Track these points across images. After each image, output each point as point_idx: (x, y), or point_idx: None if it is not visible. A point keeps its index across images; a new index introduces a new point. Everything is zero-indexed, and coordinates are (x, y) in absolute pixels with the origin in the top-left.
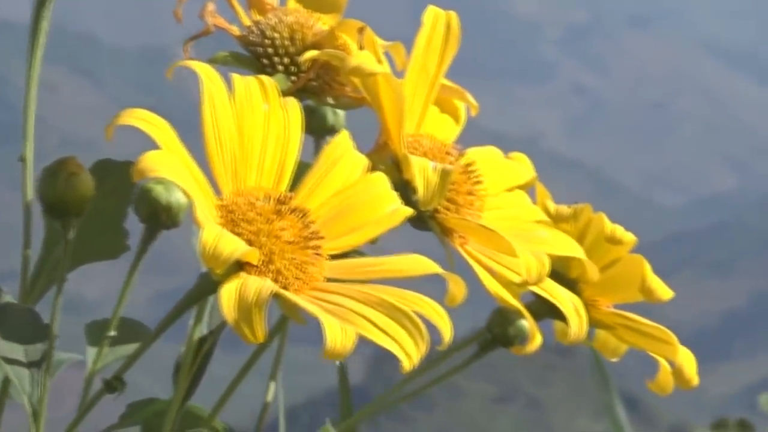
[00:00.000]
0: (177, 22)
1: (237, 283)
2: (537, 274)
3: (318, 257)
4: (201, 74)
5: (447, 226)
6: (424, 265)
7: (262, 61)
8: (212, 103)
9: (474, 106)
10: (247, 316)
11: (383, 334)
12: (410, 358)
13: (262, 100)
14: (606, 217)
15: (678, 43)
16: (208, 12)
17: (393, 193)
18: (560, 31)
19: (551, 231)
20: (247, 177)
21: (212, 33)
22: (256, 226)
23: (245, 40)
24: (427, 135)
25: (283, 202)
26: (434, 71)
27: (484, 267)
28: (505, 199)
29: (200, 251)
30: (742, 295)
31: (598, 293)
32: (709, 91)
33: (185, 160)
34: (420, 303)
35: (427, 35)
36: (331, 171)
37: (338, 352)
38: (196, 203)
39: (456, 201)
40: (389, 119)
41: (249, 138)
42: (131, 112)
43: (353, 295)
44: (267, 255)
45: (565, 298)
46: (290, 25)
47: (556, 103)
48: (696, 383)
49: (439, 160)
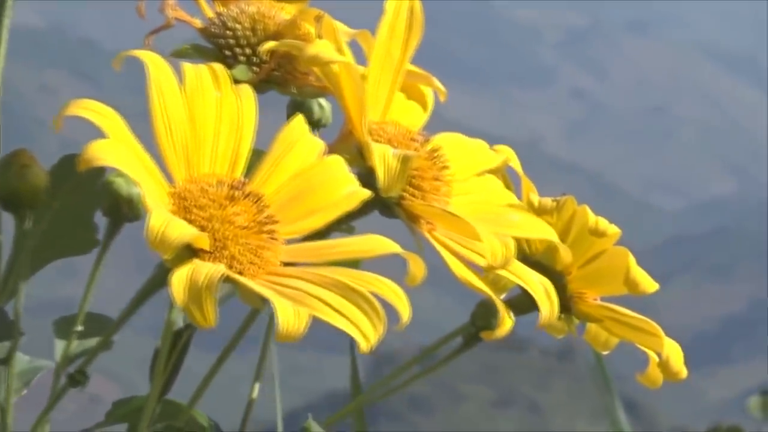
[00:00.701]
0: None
1: (188, 268)
2: (502, 257)
3: (273, 241)
4: (147, 63)
5: (413, 212)
6: (383, 245)
7: (224, 53)
8: (160, 91)
9: (442, 92)
10: (197, 299)
11: (339, 315)
12: (367, 339)
13: (213, 88)
14: (589, 209)
15: (677, 47)
16: (168, 5)
17: (350, 176)
18: (560, 36)
19: (522, 214)
20: (201, 164)
21: (173, 26)
22: (208, 212)
23: (207, 32)
24: (392, 122)
25: (236, 188)
26: (399, 57)
27: (453, 252)
28: (475, 184)
29: (148, 237)
30: (741, 299)
31: (584, 286)
32: (709, 95)
33: (135, 149)
34: (377, 283)
35: (390, 21)
36: (287, 155)
37: (291, 334)
38: (144, 190)
39: (422, 187)
40: (351, 107)
41: (201, 126)
42: (79, 103)
43: (309, 278)
44: (220, 240)
45: (535, 281)
46: (252, 15)
47: (556, 107)
48: (684, 375)
49: (403, 147)
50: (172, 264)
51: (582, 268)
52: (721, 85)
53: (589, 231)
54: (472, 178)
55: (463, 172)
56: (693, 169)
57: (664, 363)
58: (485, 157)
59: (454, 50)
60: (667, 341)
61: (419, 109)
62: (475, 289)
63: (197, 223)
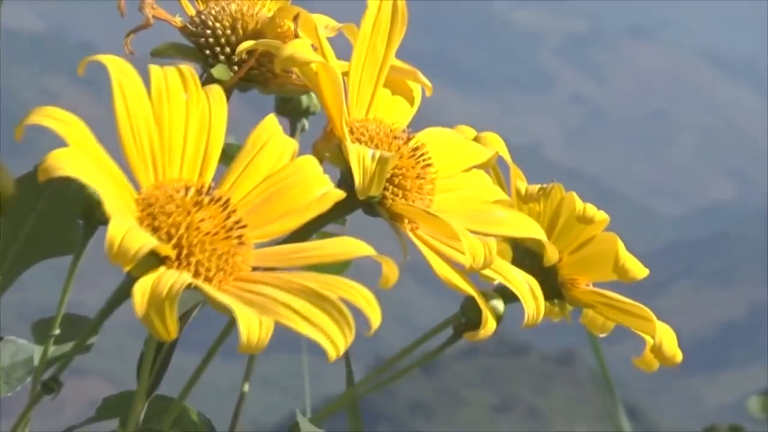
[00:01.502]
0: (120, 16)
1: (151, 279)
2: (482, 259)
3: (242, 246)
4: (109, 66)
5: (395, 211)
6: (357, 248)
7: (204, 52)
8: (123, 94)
9: (428, 87)
10: (158, 310)
11: (307, 323)
12: (336, 347)
13: (181, 90)
14: (576, 195)
15: (677, 52)
16: (147, 4)
17: (323, 177)
18: (560, 41)
19: (510, 211)
20: (169, 169)
21: (152, 26)
22: (173, 219)
23: (187, 30)
24: (374, 119)
25: (203, 193)
26: (383, 53)
27: (437, 252)
28: (462, 180)
29: (106, 248)
30: (741, 304)
31: (576, 272)
32: (709, 100)
33: (98, 157)
34: (347, 289)
35: (374, 16)
36: (258, 156)
37: (254, 346)
38: (105, 199)
39: (404, 186)
40: (331, 106)
41: (168, 129)
42: (41, 110)
43: (277, 284)
44: (186, 247)
45: (520, 280)
46: (232, 14)
47: (556, 112)
48: (679, 359)
49: (385, 145)
50: (137, 272)
51: (572, 254)
52: (720, 90)
53: (577, 218)
54: (460, 173)
55: (450, 167)
56: (693, 174)
57: (657, 347)
58: (473, 152)
59: (455, 55)
60: (659, 325)
61: (406, 104)
62: (458, 289)
63: (163, 230)
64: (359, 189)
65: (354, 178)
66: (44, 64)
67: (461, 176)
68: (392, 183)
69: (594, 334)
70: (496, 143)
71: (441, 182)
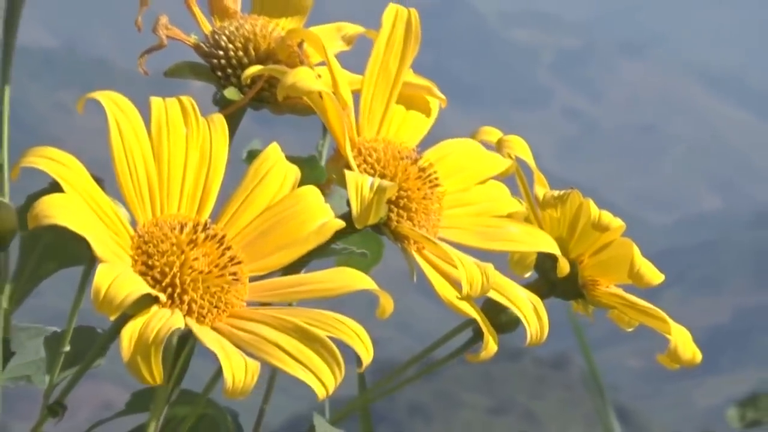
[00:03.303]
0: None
1: (140, 321)
2: (479, 286)
3: (236, 282)
4: (106, 104)
5: (400, 233)
6: (356, 281)
7: (216, 73)
8: (119, 131)
9: (443, 100)
10: (144, 355)
11: (297, 363)
12: (325, 387)
13: (181, 122)
14: (593, 203)
15: (668, 69)
16: (161, 25)
17: (324, 207)
18: (555, 57)
19: (522, 226)
20: (168, 204)
21: (166, 46)
22: (168, 258)
23: (201, 50)
24: (383, 140)
25: (199, 230)
26: (396, 70)
27: (441, 272)
28: (477, 193)
29: (92, 297)
30: (728, 311)
31: (596, 273)
32: (698, 115)
33: (94, 196)
34: (337, 325)
35: (387, 34)
36: (258, 187)
37: (238, 391)
38: (94, 246)
39: (409, 208)
40: (336, 131)
41: (167, 164)
42: (36, 151)
43: (269, 322)
44: (179, 286)
45: (523, 299)
46: (245, 35)
47: (551, 125)
48: (698, 360)
49: (392, 167)
50: (131, 311)
51: (593, 257)
52: (709, 105)
53: (592, 225)
54: (475, 186)
55: (465, 180)
56: (682, 185)
57: (673, 350)
58: (491, 162)
59: (453, 71)
60: (674, 327)
61: (421, 118)
62: (459, 312)
63: (157, 270)
64: (356, 219)
65: (351, 207)
66: (57, 79)
67: (476, 189)
68: (397, 205)
69: (584, 340)
70: (519, 146)
71: (454, 197)
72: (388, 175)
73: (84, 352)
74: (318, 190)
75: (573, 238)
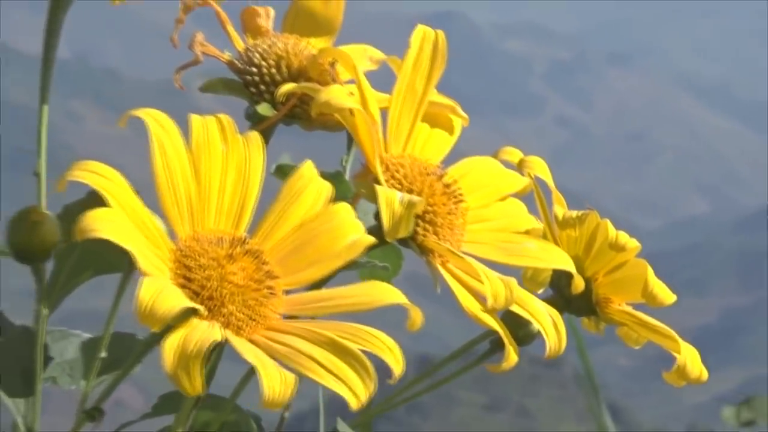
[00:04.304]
0: (174, 47)
1: (180, 335)
2: (503, 300)
3: (272, 296)
4: (148, 121)
5: (426, 246)
6: (387, 295)
7: (250, 89)
8: (162, 149)
9: (465, 119)
10: (185, 366)
11: (330, 375)
12: (358, 398)
13: (219, 140)
14: (610, 224)
15: (656, 78)
16: (197, 42)
17: (355, 223)
18: (547, 68)
19: (539, 242)
20: (206, 219)
21: (201, 63)
22: (207, 272)
23: (234, 66)
24: (409, 156)
25: (236, 245)
26: (422, 90)
27: (464, 285)
28: (497, 210)
29: (135, 310)
30: (713, 311)
31: (610, 292)
32: (684, 123)
33: (136, 210)
34: (370, 339)
35: (415, 55)
36: (294, 204)
37: (276, 401)
38: (138, 259)
39: (435, 222)
40: (365, 147)
41: (206, 180)
42: (81, 165)
43: (303, 335)
44: (218, 299)
45: (543, 313)
46: (278, 52)
47: (544, 133)
48: (705, 379)
49: (418, 182)
50: (172, 323)
51: (607, 276)
52: (696, 113)
53: (609, 245)
54: (495, 203)
55: (486, 197)
56: (669, 191)
57: (682, 367)
58: (510, 180)
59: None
60: (684, 346)
61: (445, 135)
62: (483, 324)
63: (197, 283)
64: (387, 232)
65: (382, 222)
66: (69, 89)
67: (496, 206)
68: (423, 219)
69: (582, 342)
70: (539, 166)
71: (475, 212)
72: (415, 191)
73: (119, 359)
74: (350, 207)
75: (589, 257)
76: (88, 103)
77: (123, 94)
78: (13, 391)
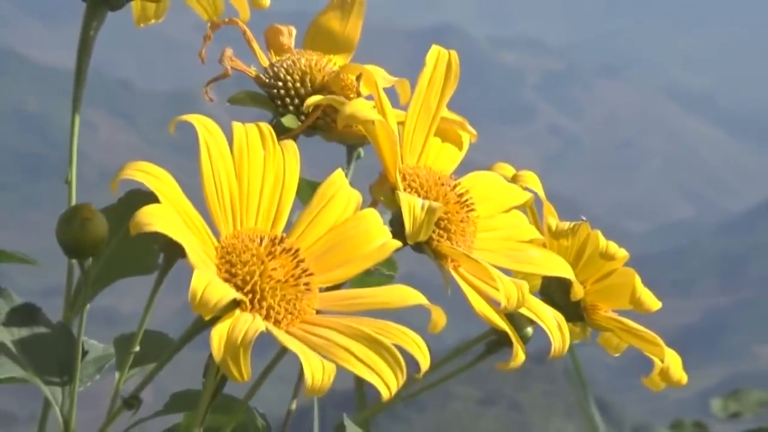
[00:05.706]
0: (201, 63)
1: (227, 323)
2: (516, 301)
3: (308, 292)
4: (197, 126)
5: (440, 251)
6: (409, 296)
7: (275, 102)
8: (209, 152)
9: (473, 134)
10: (234, 355)
11: (364, 366)
12: (389, 388)
13: (260, 146)
14: (601, 234)
15: (644, 89)
16: (226, 57)
17: (383, 228)
18: (539, 78)
19: (541, 251)
20: (246, 219)
21: (230, 76)
22: (249, 268)
23: (260, 80)
24: (425, 167)
25: (276, 243)
26: (435, 106)
27: (476, 289)
28: (502, 220)
29: (190, 299)
30: (697, 311)
31: (597, 299)
32: (671, 132)
33: (184, 208)
34: (400, 335)
35: (430, 74)
36: (326, 208)
37: (318, 389)
38: (189, 252)
39: (449, 229)
40: (386, 157)
41: (247, 183)
42: (133, 165)
43: (339, 329)
44: (259, 293)
45: (549, 316)
46: (302, 67)
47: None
48: (684, 382)
49: (434, 191)
50: (220, 313)
51: (595, 284)
52: (682, 122)
53: (600, 255)
54: (499, 214)
55: (491, 209)
56: (656, 197)
57: (665, 371)
58: (513, 193)
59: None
60: (667, 351)
61: (454, 150)
62: (493, 325)
63: (240, 277)
64: (409, 235)
65: (405, 225)
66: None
67: (500, 217)
68: (438, 226)
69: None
70: (531, 180)
71: (482, 222)
72: (431, 199)
73: (151, 354)
74: (377, 214)
75: (578, 265)
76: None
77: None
78: (51, 382)
